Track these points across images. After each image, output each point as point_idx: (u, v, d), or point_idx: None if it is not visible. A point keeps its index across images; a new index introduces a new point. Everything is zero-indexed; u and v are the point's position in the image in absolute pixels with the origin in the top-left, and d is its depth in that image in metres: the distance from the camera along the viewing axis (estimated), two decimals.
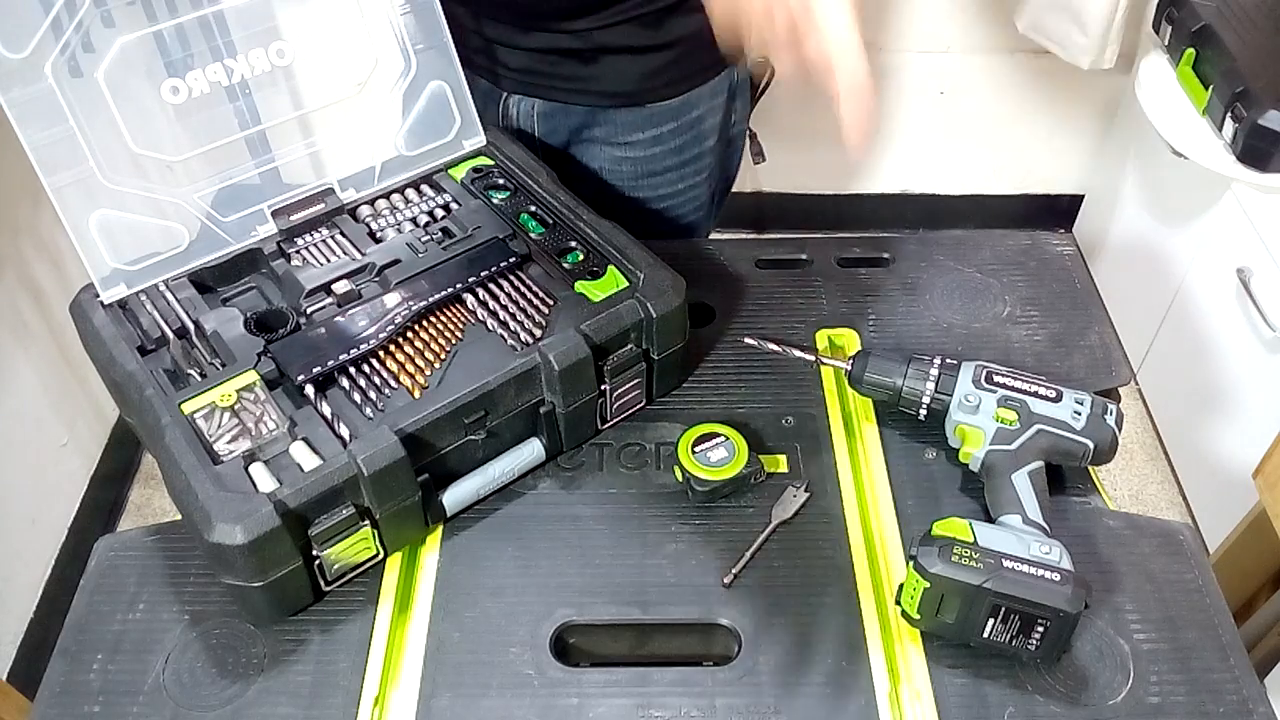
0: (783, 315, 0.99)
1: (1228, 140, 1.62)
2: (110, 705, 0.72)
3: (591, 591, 0.78)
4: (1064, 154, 2.27)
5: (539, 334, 0.82)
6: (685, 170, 1.11)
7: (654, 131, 1.07)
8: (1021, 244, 1.06)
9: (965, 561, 0.70)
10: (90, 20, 0.76)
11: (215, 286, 0.87)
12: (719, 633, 0.77)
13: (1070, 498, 0.84)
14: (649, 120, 1.06)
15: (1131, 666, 0.73)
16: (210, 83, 0.82)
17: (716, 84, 1.07)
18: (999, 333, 0.97)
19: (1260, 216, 1.62)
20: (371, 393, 0.78)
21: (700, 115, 1.08)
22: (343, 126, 0.90)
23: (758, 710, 0.71)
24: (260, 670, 0.74)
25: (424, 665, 0.74)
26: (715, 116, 1.09)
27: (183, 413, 0.76)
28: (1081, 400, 0.82)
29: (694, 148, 1.10)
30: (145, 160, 0.81)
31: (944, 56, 2.11)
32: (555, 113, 1.07)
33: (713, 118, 1.09)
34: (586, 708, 0.72)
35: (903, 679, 0.73)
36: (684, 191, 1.13)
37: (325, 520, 0.73)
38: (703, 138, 1.10)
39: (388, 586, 0.79)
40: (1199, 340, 1.81)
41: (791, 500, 0.83)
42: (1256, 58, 1.61)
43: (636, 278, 0.85)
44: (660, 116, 1.06)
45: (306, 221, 0.90)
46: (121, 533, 0.84)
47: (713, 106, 1.08)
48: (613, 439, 0.88)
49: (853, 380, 0.88)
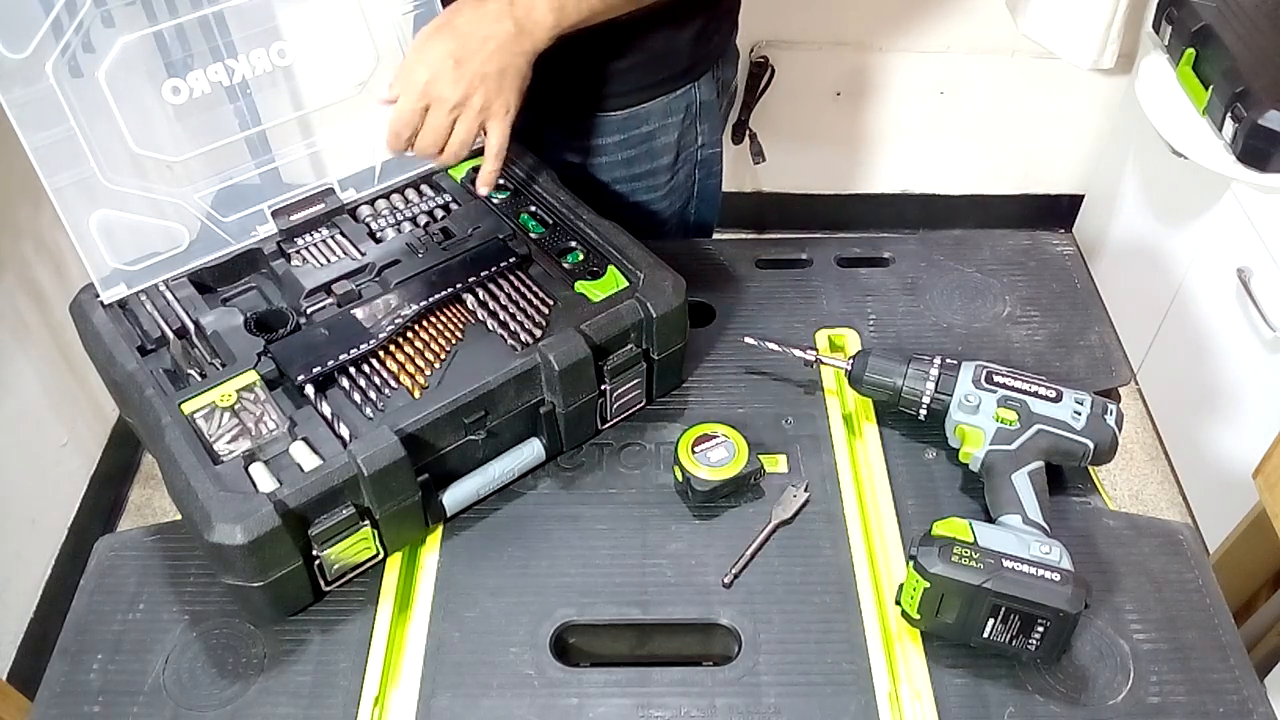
0: (783, 315, 0.99)
1: (1228, 140, 1.62)
2: (110, 705, 0.72)
3: (591, 591, 0.78)
4: (1064, 154, 2.27)
5: (539, 334, 0.82)
6: (637, 185, 1.10)
7: (598, 141, 1.06)
8: (1021, 244, 1.06)
9: (965, 561, 0.70)
10: (90, 21, 0.76)
11: (215, 286, 0.87)
12: (719, 633, 0.77)
13: (1070, 498, 0.84)
14: (593, 130, 1.06)
15: (1131, 666, 0.73)
16: (211, 83, 0.82)
17: (670, 103, 1.06)
18: (999, 333, 0.97)
19: (1260, 216, 1.62)
20: (371, 393, 0.78)
21: (651, 132, 1.07)
22: (343, 126, 0.90)
23: (758, 710, 0.71)
24: (260, 670, 0.74)
25: (424, 665, 0.74)
26: (669, 135, 1.08)
27: (183, 413, 0.76)
28: (1081, 400, 0.82)
29: (644, 163, 1.09)
30: (145, 160, 0.81)
31: (944, 56, 2.11)
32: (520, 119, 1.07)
33: (666, 136, 1.08)
34: (586, 708, 0.72)
35: (903, 679, 0.73)
36: (641, 206, 1.12)
37: (325, 520, 0.73)
38: (654, 154, 1.09)
39: (388, 586, 0.79)
40: (1199, 340, 1.81)
41: (791, 500, 0.83)
42: (1256, 58, 1.61)
43: (636, 278, 0.85)
44: (605, 128, 1.06)
45: (306, 221, 0.90)
46: (121, 533, 0.84)
47: (666, 125, 1.07)
48: (613, 439, 0.88)
49: (853, 380, 0.88)
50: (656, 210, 1.13)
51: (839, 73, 2.12)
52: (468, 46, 0.82)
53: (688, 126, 1.09)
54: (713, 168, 1.16)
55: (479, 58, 0.82)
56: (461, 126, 0.84)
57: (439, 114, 0.83)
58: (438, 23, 0.85)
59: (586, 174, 1.09)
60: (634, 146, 1.07)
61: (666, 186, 1.12)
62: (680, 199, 1.15)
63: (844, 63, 2.10)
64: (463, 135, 0.84)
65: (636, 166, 1.09)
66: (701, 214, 1.20)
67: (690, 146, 1.11)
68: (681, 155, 1.11)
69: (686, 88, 1.06)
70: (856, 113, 2.20)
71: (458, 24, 0.84)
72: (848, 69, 2.11)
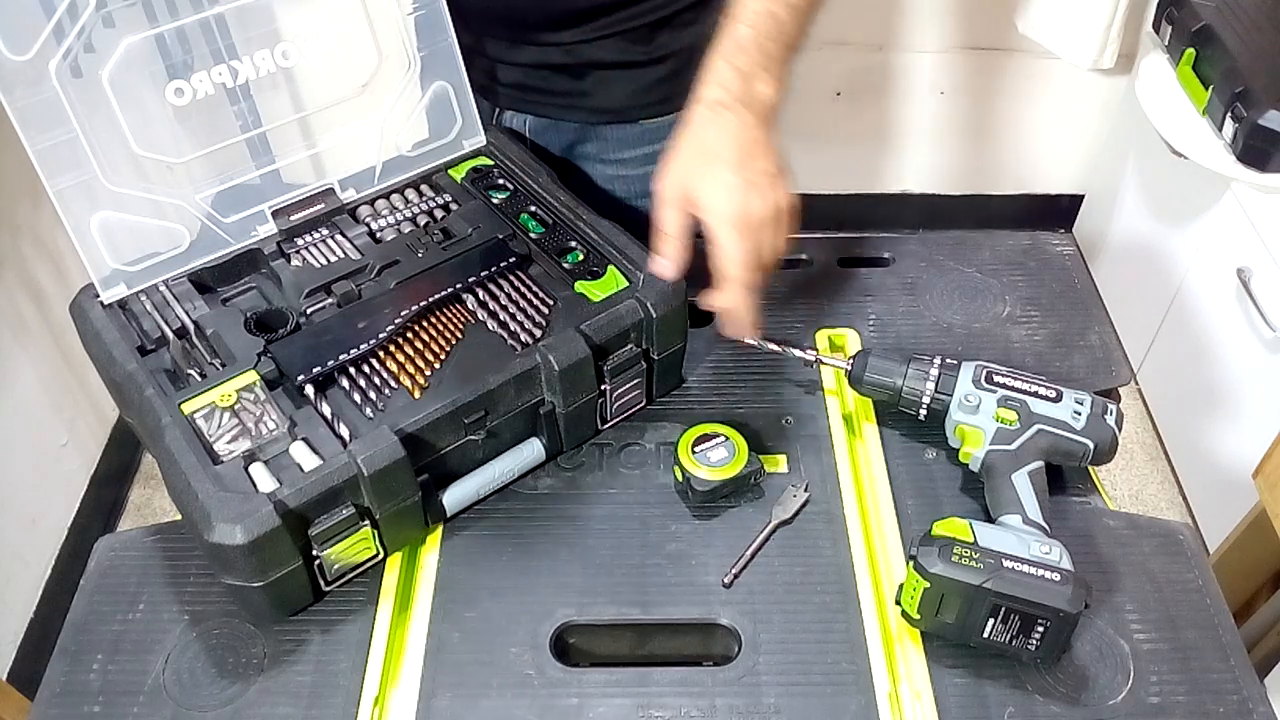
0: (783, 315, 0.99)
1: (1228, 140, 1.62)
2: (110, 705, 0.72)
3: (591, 591, 0.78)
4: (1064, 154, 2.27)
5: (539, 334, 0.82)
6: None
7: (646, 150, 1.04)
8: (1021, 244, 1.06)
9: (965, 561, 0.70)
10: (93, 23, 0.76)
11: (215, 286, 0.87)
12: (719, 633, 0.77)
13: (1070, 498, 0.84)
14: (641, 138, 1.04)
15: (1131, 666, 0.73)
16: (214, 84, 0.82)
17: None
18: (999, 333, 0.97)
19: (1260, 216, 1.62)
20: (371, 393, 0.78)
21: None
22: (344, 127, 0.90)
23: (758, 710, 0.71)
24: (260, 670, 0.74)
25: (424, 665, 0.74)
26: None
27: (183, 413, 0.76)
28: (1081, 400, 0.82)
29: None
30: (146, 162, 0.81)
31: (944, 56, 2.11)
32: (547, 129, 1.05)
33: None
34: (586, 708, 0.72)
35: (903, 679, 0.73)
36: None
37: (325, 520, 0.73)
38: None
39: (388, 586, 0.79)
40: (1199, 340, 1.81)
41: (791, 500, 0.83)
42: (1256, 58, 1.61)
43: (636, 278, 0.85)
44: (653, 134, 1.03)
45: (306, 221, 0.90)
46: (121, 533, 0.84)
47: None
48: (613, 439, 0.88)
49: (853, 380, 0.88)
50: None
51: (839, 73, 2.12)
52: (738, 159, 0.79)
53: None
54: None
55: (754, 162, 0.80)
56: (780, 232, 0.81)
57: (766, 231, 0.80)
58: (690, 162, 0.81)
59: (627, 186, 1.07)
60: None
61: None
62: None
63: (844, 63, 2.10)
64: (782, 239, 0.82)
65: None
66: None
67: None
68: None
69: None
70: (856, 113, 2.20)
71: (711, 147, 0.80)
72: (848, 69, 2.11)
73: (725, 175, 0.79)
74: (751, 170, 0.79)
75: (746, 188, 0.79)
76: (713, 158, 0.80)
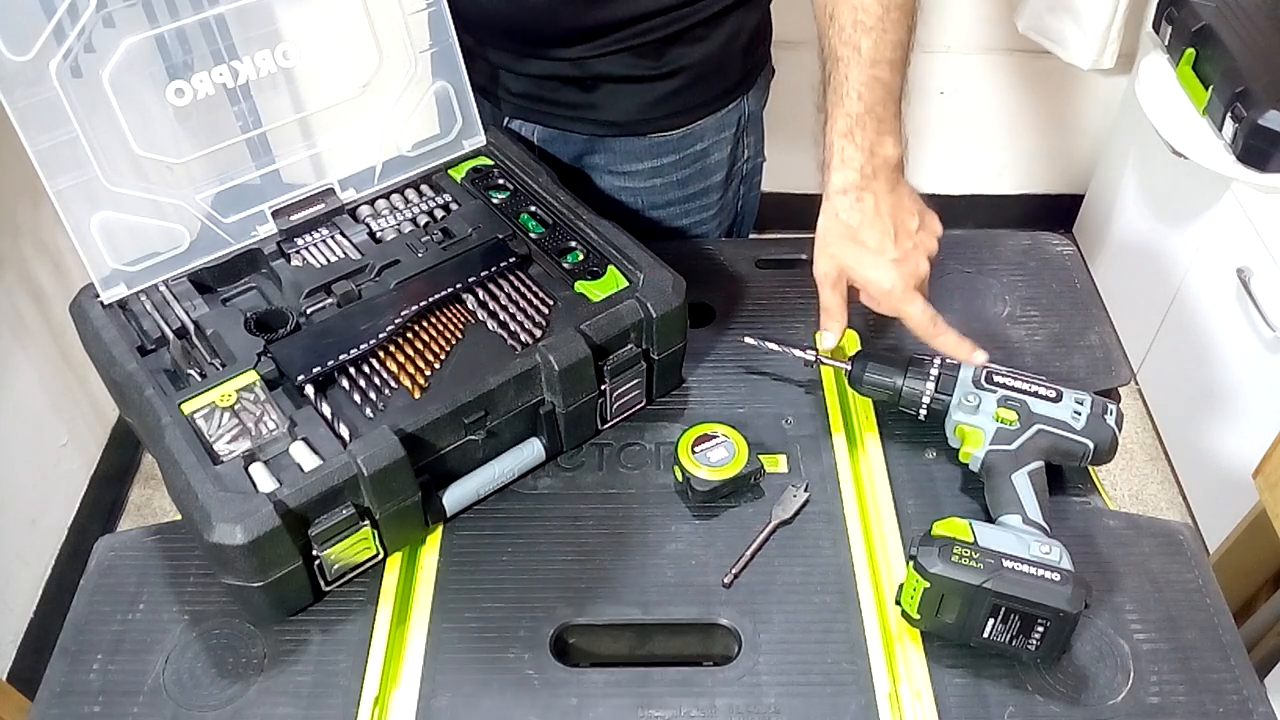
0: (783, 315, 0.99)
1: (1228, 140, 1.62)
2: (110, 705, 0.72)
3: (591, 591, 0.78)
4: (1064, 154, 2.27)
5: (539, 334, 0.82)
6: (690, 205, 1.08)
7: (654, 163, 1.04)
8: (1021, 244, 1.06)
9: (965, 561, 0.70)
10: (93, 24, 0.76)
11: (215, 286, 0.87)
12: (719, 633, 0.77)
13: (1070, 498, 0.84)
14: (649, 151, 1.04)
15: (1131, 666, 0.73)
16: (215, 84, 0.82)
17: (724, 117, 1.04)
18: (999, 333, 0.97)
19: (1260, 216, 1.62)
20: (371, 393, 0.78)
21: (705, 149, 1.05)
22: (344, 127, 0.90)
23: (758, 710, 0.71)
24: (260, 670, 0.74)
25: (424, 665, 0.74)
26: (722, 151, 1.06)
27: (183, 413, 0.76)
28: (1081, 400, 0.82)
29: (698, 182, 1.07)
30: (147, 162, 0.81)
31: (944, 56, 2.11)
32: (554, 139, 1.05)
33: (719, 152, 1.06)
34: (586, 708, 0.72)
35: (903, 679, 0.73)
36: (690, 228, 1.10)
37: (325, 520, 0.73)
38: (708, 172, 1.07)
39: (388, 586, 0.79)
40: (1199, 340, 1.81)
41: (791, 500, 0.83)
42: (1256, 58, 1.61)
43: (636, 278, 0.85)
44: (661, 148, 1.03)
45: (306, 221, 0.90)
46: (121, 533, 0.84)
47: (719, 140, 1.06)
48: (613, 439, 0.88)
49: (853, 380, 0.88)
50: (707, 229, 1.12)
51: None
52: (885, 236, 0.84)
53: (737, 140, 1.08)
54: (754, 179, 1.15)
55: (902, 229, 0.84)
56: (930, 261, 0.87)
57: (925, 278, 0.86)
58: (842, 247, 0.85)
59: (635, 198, 1.07)
60: (688, 165, 1.05)
61: (718, 205, 1.10)
62: (729, 215, 1.14)
63: None
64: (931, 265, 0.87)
65: (691, 186, 1.07)
66: (744, 227, 1.18)
67: (739, 160, 1.10)
68: (732, 169, 1.09)
69: (738, 100, 1.05)
70: None
71: (858, 231, 0.84)
72: None
73: (880, 257, 0.84)
74: (902, 239, 0.84)
75: (902, 260, 0.84)
76: (863, 240, 0.84)
